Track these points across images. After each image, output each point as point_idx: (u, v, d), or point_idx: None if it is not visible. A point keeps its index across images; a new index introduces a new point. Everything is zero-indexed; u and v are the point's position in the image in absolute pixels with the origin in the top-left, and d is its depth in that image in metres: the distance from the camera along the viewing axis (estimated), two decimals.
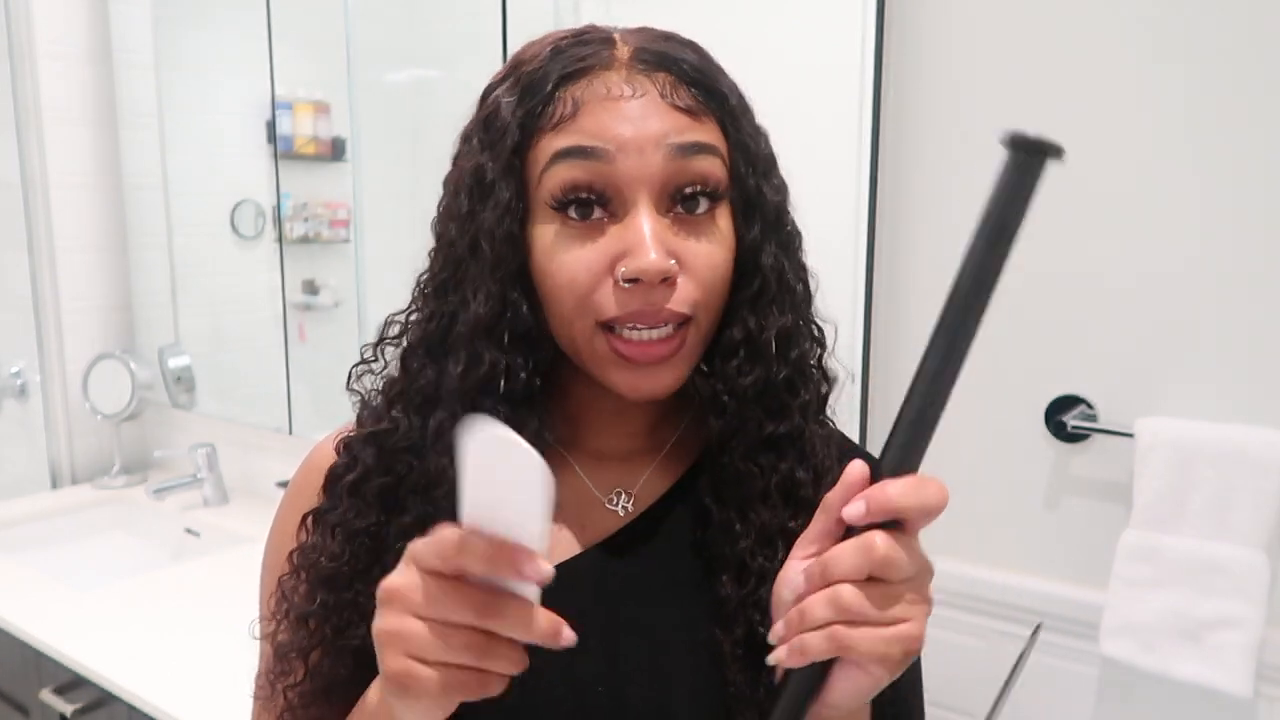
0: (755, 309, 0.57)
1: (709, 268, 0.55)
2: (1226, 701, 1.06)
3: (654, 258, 0.51)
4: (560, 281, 0.54)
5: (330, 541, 0.59)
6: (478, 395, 0.56)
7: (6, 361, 2.33)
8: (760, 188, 0.57)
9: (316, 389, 2.06)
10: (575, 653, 0.56)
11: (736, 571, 0.59)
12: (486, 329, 0.55)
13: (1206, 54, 1.03)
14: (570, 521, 0.62)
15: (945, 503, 0.45)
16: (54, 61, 2.19)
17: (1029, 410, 1.16)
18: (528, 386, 0.57)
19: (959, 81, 1.18)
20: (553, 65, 0.55)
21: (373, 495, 0.59)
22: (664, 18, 0.62)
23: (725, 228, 0.56)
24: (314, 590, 0.59)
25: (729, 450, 0.59)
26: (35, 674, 1.48)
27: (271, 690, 0.60)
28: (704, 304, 0.55)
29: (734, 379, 0.58)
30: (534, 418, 0.57)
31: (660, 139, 0.53)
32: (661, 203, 0.54)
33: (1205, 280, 1.05)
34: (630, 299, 0.53)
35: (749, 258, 0.57)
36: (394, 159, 1.90)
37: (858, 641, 0.44)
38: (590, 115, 0.53)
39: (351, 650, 0.57)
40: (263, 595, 0.66)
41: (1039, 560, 1.19)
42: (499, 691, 0.46)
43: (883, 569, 0.44)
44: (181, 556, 2.00)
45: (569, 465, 0.63)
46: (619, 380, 0.55)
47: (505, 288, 0.55)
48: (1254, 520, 1.01)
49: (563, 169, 0.53)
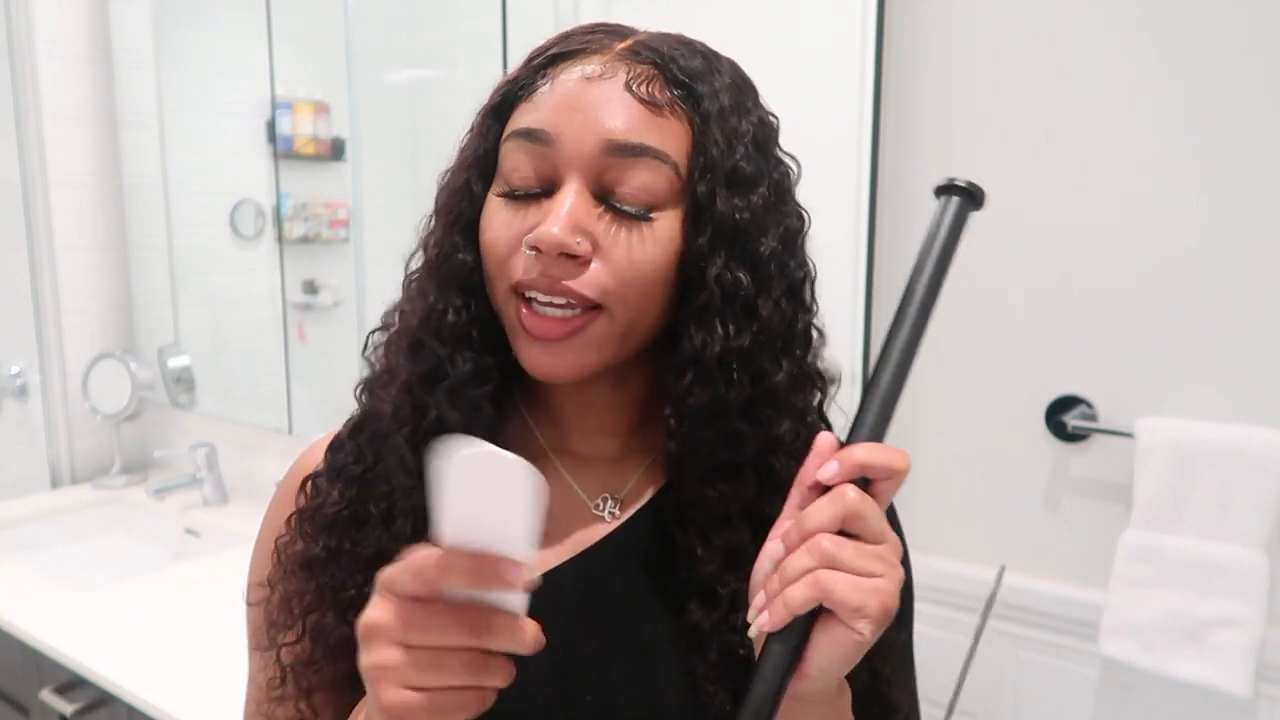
0: (701, 323, 0.55)
1: (628, 259, 0.53)
2: (1226, 701, 1.06)
3: (556, 230, 0.52)
4: (487, 239, 0.56)
5: (332, 488, 0.60)
6: (419, 330, 0.58)
7: (6, 361, 2.33)
8: (714, 196, 0.54)
9: (316, 389, 2.06)
10: (563, 660, 0.56)
11: (704, 596, 0.57)
12: (432, 272, 0.59)
13: (1207, 54, 1.03)
14: (557, 528, 0.62)
15: (909, 466, 0.47)
16: (54, 61, 2.19)
17: (1029, 410, 1.16)
18: (456, 328, 0.58)
19: (959, 81, 1.18)
20: (556, 44, 0.57)
21: (365, 441, 0.61)
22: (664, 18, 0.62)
23: (667, 229, 0.54)
24: (317, 537, 0.60)
25: (684, 473, 0.57)
26: (35, 674, 1.48)
27: (269, 644, 0.60)
28: (618, 295, 0.53)
29: (683, 399, 0.56)
30: (466, 363, 0.58)
31: (602, 132, 0.53)
32: (595, 188, 0.54)
33: (1205, 280, 1.05)
34: (532, 265, 0.54)
35: (694, 267, 0.55)
36: (394, 159, 1.90)
37: (836, 584, 0.44)
38: (554, 94, 0.55)
39: (349, 603, 0.57)
40: (250, 569, 0.67)
41: (1039, 560, 1.19)
42: (491, 704, 0.46)
43: (855, 519, 0.46)
44: (181, 556, 2.00)
45: (556, 470, 0.63)
46: (523, 355, 0.56)
47: (453, 235, 0.58)
48: (1254, 520, 1.01)
49: (512, 146, 0.56)
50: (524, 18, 1.48)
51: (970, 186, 0.52)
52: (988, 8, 1.15)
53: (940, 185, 0.52)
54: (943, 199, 0.52)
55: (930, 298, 0.51)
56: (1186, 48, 1.04)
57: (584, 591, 0.60)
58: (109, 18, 2.28)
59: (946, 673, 1.25)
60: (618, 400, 0.62)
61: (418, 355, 0.58)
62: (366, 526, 0.59)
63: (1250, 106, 1.01)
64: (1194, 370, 1.07)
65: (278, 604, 0.60)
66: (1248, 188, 1.02)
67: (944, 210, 0.52)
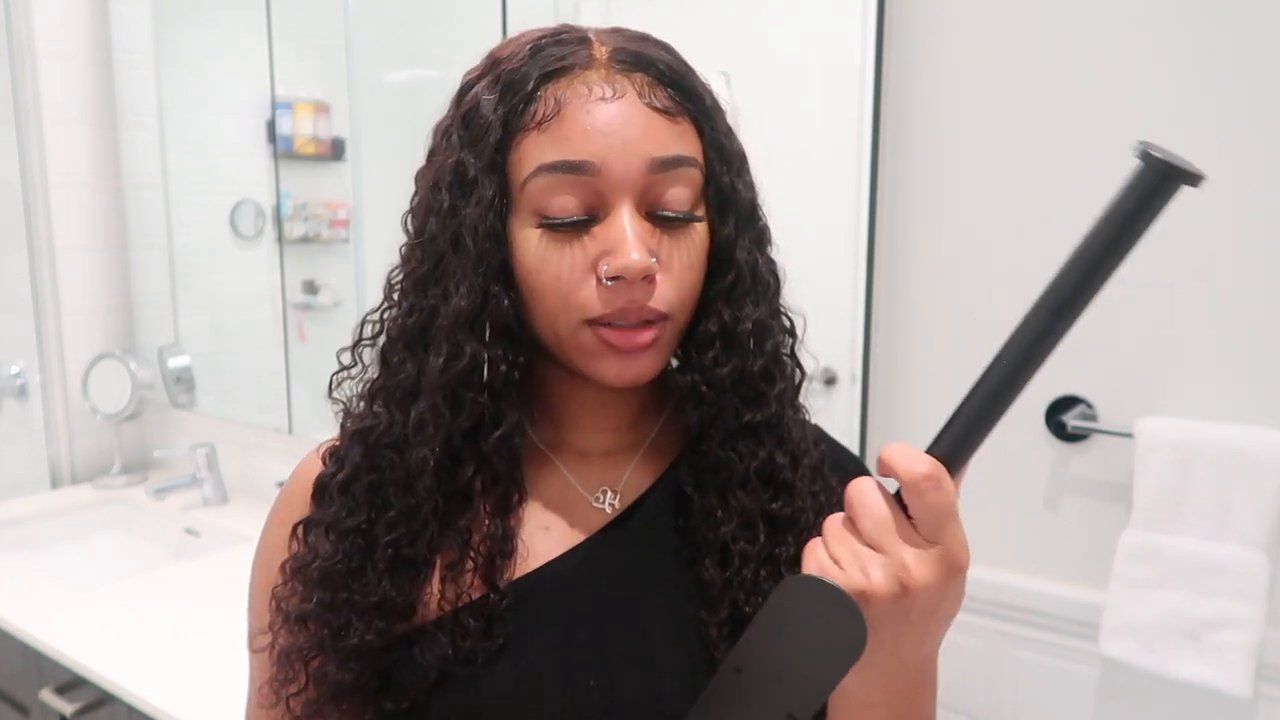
0: (730, 301, 0.59)
1: (686, 268, 0.57)
2: (1226, 701, 1.06)
3: (636, 257, 0.53)
4: (545, 280, 0.55)
5: (323, 543, 0.60)
6: (459, 387, 0.57)
7: (6, 361, 2.33)
8: (735, 185, 0.59)
9: (316, 389, 2.05)
10: (565, 648, 0.56)
11: (720, 555, 0.60)
12: (468, 322, 0.56)
13: (1206, 53, 1.03)
14: (558, 522, 0.63)
15: (931, 483, 0.45)
16: (54, 61, 2.19)
17: (1029, 410, 1.16)
18: (508, 379, 0.58)
19: (959, 81, 1.18)
20: (532, 64, 0.56)
21: (361, 493, 0.60)
22: (664, 18, 0.63)
23: (702, 226, 0.58)
24: (310, 592, 0.59)
25: (708, 439, 0.61)
26: (35, 674, 1.48)
27: (276, 698, 0.60)
28: (679, 303, 0.57)
29: (711, 370, 0.59)
30: (514, 411, 0.58)
31: (642, 151, 0.54)
32: (642, 206, 0.55)
33: (1205, 281, 1.05)
34: (614, 296, 0.54)
35: (724, 252, 0.59)
36: (394, 159, 1.90)
37: (807, 556, 0.48)
38: (572, 119, 0.54)
39: (351, 651, 0.58)
40: (252, 613, 0.67)
41: (1039, 560, 1.19)
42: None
43: (853, 507, 0.47)
44: (181, 556, 2.00)
45: (555, 465, 0.65)
46: (604, 368, 0.57)
47: (487, 281, 0.56)
48: (1254, 520, 1.01)
49: (548, 182, 0.54)
50: (524, 18, 1.48)
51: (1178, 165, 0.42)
52: (988, 7, 1.15)
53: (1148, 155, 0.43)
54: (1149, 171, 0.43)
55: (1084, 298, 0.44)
56: (1186, 47, 1.04)
57: (585, 581, 0.61)
58: (109, 18, 2.28)
59: (947, 673, 1.25)
60: (626, 396, 0.64)
61: (457, 408, 0.57)
62: (365, 576, 0.58)
63: (1250, 106, 1.01)
64: (1194, 370, 1.07)
65: (279, 658, 0.60)
66: (1248, 187, 1.02)
67: (1146, 185, 0.43)
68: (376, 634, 0.57)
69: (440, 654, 0.58)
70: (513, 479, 0.60)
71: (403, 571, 0.58)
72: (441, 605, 0.59)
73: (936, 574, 0.46)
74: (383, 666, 0.59)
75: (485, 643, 0.58)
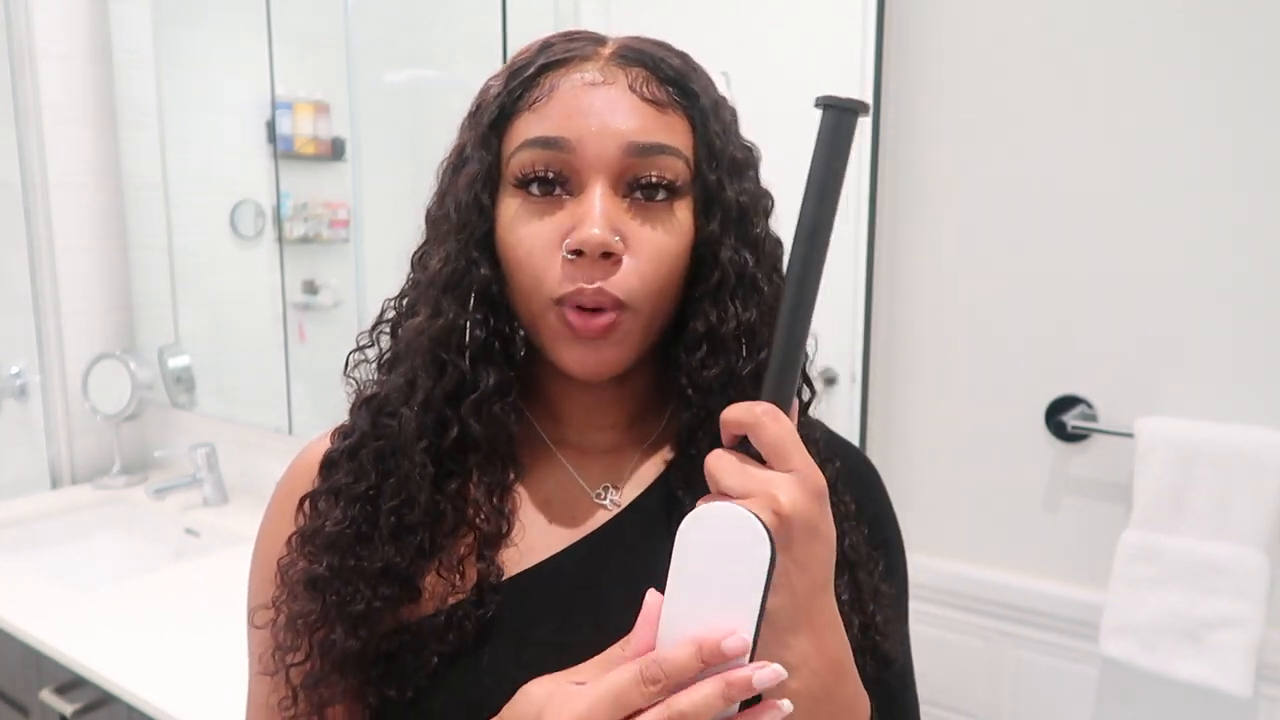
0: (716, 302, 0.59)
1: (654, 254, 0.57)
2: (1226, 701, 1.06)
3: (596, 231, 0.54)
4: (520, 254, 0.57)
5: (333, 509, 0.61)
6: (438, 348, 0.59)
7: (6, 361, 2.33)
8: (722, 184, 0.59)
9: (316, 389, 2.06)
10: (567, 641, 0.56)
11: None
12: (446, 284, 0.59)
13: (1205, 53, 1.03)
14: (560, 517, 0.63)
15: (770, 415, 0.50)
16: (54, 61, 2.19)
17: (1029, 410, 1.16)
18: (486, 345, 0.59)
19: (959, 81, 1.18)
20: (539, 55, 0.59)
21: (368, 459, 0.61)
22: (664, 18, 0.63)
23: (684, 219, 0.58)
24: (320, 556, 0.60)
25: (697, 441, 0.61)
26: (35, 674, 1.48)
27: (277, 667, 0.60)
28: (642, 293, 0.57)
29: (698, 371, 0.60)
30: (491, 377, 0.59)
31: (621, 135, 0.55)
32: (619, 187, 0.57)
33: (1205, 280, 1.05)
34: (576, 272, 0.55)
35: (707, 251, 0.59)
36: (394, 159, 1.90)
37: None
38: (559, 101, 0.56)
39: (359, 617, 0.58)
40: (252, 587, 0.67)
41: (1039, 560, 1.20)
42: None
43: (713, 475, 0.51)
44: (181, 556, 2.00)
45: (558, 461, 0.65)
46: (567, 355, 0.57)
47: (468, 248, 0.59)
48: (1254, 520, 1.01)
49: (528, 156, 0.56)
50: (524, 18, 1.48)
51: (849, 101, 0.52)
52: (988, 8, 1.15)
53: (825, 100, 0.52)
54: (828, 114, 0.52)
55: (824, 224, 0.52)
56: (1186, 47, 1.04)
57: (588, 577, 0.62)
58: (109, 18, 2.28)
59: (947, 673, 1.25)
60: (620, 394, 0.64)
61: (438, 371, 0.59)
62: (372, 542, 0.59)
63: (1250, 106, 1.01)
64: (1194, 370, 1.07)
65: (283, 625, 0.61)
66: (1248, 187, 1.02)
67: (831, 128, 0.52)
68: (383, 601, 0.58)
69: (442, 643, 0.58)
70: (498, 451, 0.61)
71: (405, 538, 0.59)
72: (445, 596, 0.59)
73: (801, 495, 0.48)
74: (386, 650, 0.59)
75: (487, 634, 0.58)
